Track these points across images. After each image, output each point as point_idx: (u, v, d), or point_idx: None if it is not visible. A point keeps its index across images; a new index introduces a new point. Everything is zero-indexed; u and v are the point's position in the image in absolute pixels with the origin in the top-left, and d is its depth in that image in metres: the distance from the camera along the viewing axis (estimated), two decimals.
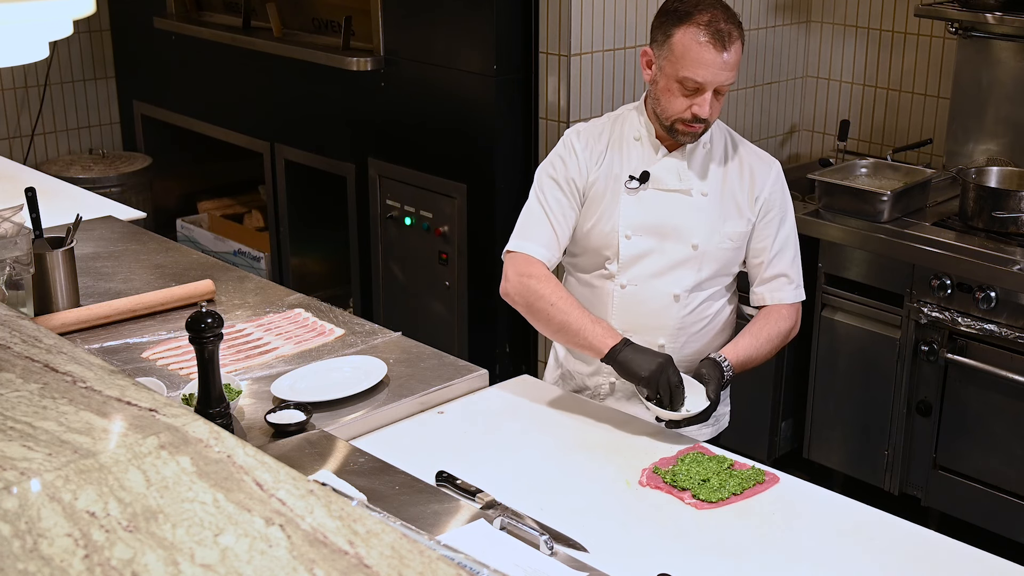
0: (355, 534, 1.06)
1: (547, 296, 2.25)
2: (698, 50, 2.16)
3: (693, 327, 2.36)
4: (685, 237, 2.31)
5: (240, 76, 4.58)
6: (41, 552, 1.01)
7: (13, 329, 1.57)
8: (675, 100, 2.21)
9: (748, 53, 3.93)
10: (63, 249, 2.55)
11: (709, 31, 2.15)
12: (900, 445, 3.32)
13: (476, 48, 3.57)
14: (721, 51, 2.16)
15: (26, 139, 5.13)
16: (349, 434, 2.13)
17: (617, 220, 2.31)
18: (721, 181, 2.33)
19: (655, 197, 2.31)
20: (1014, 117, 3.56)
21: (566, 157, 2.34)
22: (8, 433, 1.23)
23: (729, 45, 2.16)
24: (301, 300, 2.72)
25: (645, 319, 2.33)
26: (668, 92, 2.22)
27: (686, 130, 2.24)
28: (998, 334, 3.01)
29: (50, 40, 1.49)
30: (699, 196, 2.31)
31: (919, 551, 1.82)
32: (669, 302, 2.33)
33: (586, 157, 2.33)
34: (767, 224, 2.36)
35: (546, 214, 2.32)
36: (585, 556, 1.74)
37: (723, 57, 2.16)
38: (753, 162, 2.36)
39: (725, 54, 2.16)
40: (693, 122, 2.22)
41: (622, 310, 2.34)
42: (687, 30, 2.16)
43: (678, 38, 2.17)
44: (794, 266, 2.41)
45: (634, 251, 2.31)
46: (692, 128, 2.24)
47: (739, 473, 2.01)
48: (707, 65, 2.16)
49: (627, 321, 2.33)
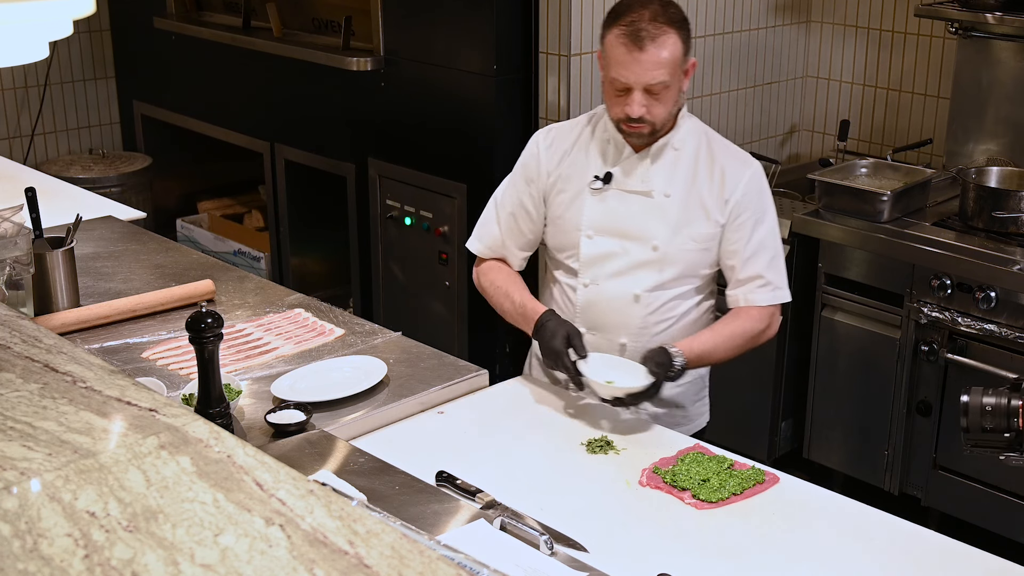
0: (355, 534, 1.06)
1: (487, 289, 2.46)
2: (618, 51, 2.19)
3: (657, 327, 2.37)
4: (646, 238, 2.32)
5: (240, 76, 4.58)
6: (41, 552, 1.01)
7: (13, 329, 1.58)
8: (612, 101, 2.25)
9: (748, 53, 3.94)
10: (63, 249, 2.55)
11: (628, 31, 2.17)
12: (900, 445, 3.32)
13: (476, 48, 3.57)
14: (637, 51, 2.16)
15: (26, 139, 5.13)
16: (349, 434, 2.13)
17: (580, 219, 2.35)
18: (688, 183, 2.31)
19: (617, 198, 2.33)
20: (1014, 117, 3.56)
21: (528, 159, 2.42)
22: (8, 433, 1.23)
23: (648, 44, 2.16)
24: (301, 300, 2.72)
25: (607, 317, 2.37)
26: (607, 94, 2.27)
27: (629, 130, 2.26)
28: (998, 334, 3.01)
29: (50, 40, 1.49)
30: (661, 197, 2.31)
31: (919, 551, 1.82)
32: (629, 302, 2.35)
33: (547, 156, 2.38)
34: (739, 227, 2.32)
35: (496, 216, 2.47)
36: (585, 556, 1.74)
37: (640, 57, 2.16)
38: (727, 163, 2.34)
39: (642, 54, 2.16)
40: (631, 122, 2.23)
41: (585, 308, 2.39)
42: (612, 31, 2.21)
43: (607, 40, 2.22)
44: (772, 268, 2.34)
45: (595, 251, 2.35)
46: (635, 128, 2.24)
47: (739, 473, 2.01)
48: (626, 65, 2.18)
49: (590, 319, 2.39)
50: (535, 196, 2.40)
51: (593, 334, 2.37)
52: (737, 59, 3.91)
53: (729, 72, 3.90)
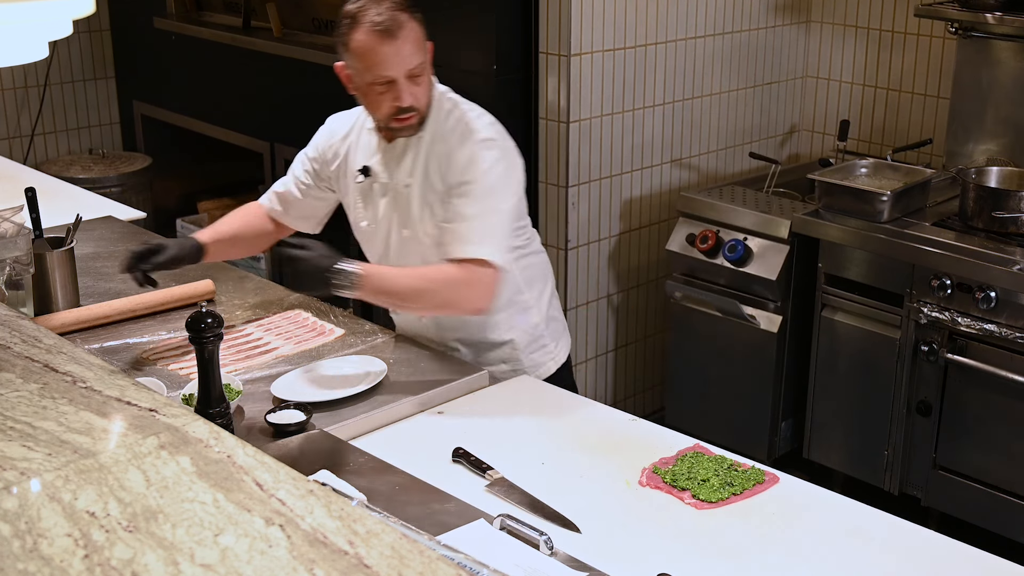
0: (355, 534, 1.06)
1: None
2: (371, 48, 2.21)
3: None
4: (398, 225, 2.42)
5: (240, 76, 4.58)
6: (41, 552, 1.01)
7: (13, 329, 1.58)
8: (378, 101, 2.27)
9: (748, 53, 3.94)
10: (63, 249, 2.55)
11: (374, 27, 2.20)
12: (900, 445, 3.32)
13: (476, 48, 3.57)
14: (391, 41, 2.20)
15: (26, 139, 5.13)
16: (349, 434, 2.13)
17: (355, 212, 2.49)
18: (424, 171, 2.35)
19: (374, 189, 2.43)
20: (1014, 117, 3.56)
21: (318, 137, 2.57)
22: (8, 433, 1.23)
23: (398, 32, 2.20)
24: (301, 300, 2.72)
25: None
26: (368, 97, 2.28)
27: (401, 125, 2.30)
28: (998, 334, 3.01)
29: (50, 40, 1.49)
30: (403, 188, 2.38)
31: (919, 551, 1.82)
32: None
33: (324, 143, 2.53)
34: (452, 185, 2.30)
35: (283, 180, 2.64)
36: (585, 556, 1.74)
37: (397, 46, 2.20)
38: (453, 131, 2.32)
39: (396, 42, 2.20)
40: (402, 114, 2.27)
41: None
42: (356, 34, 2.22)
43: (354, 44, 2.24)
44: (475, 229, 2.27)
45: (372, 242, 2.49)
46: (405, 120, 2.29)
47: (739, 473, 2.01)
48: (385, 58, 2.21)
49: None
50: (311, 170, 2.54)
51: (395, 313, 2.57)
52: (737, 59, 3.91)
53: (729, 72, 3.90)
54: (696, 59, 3.77)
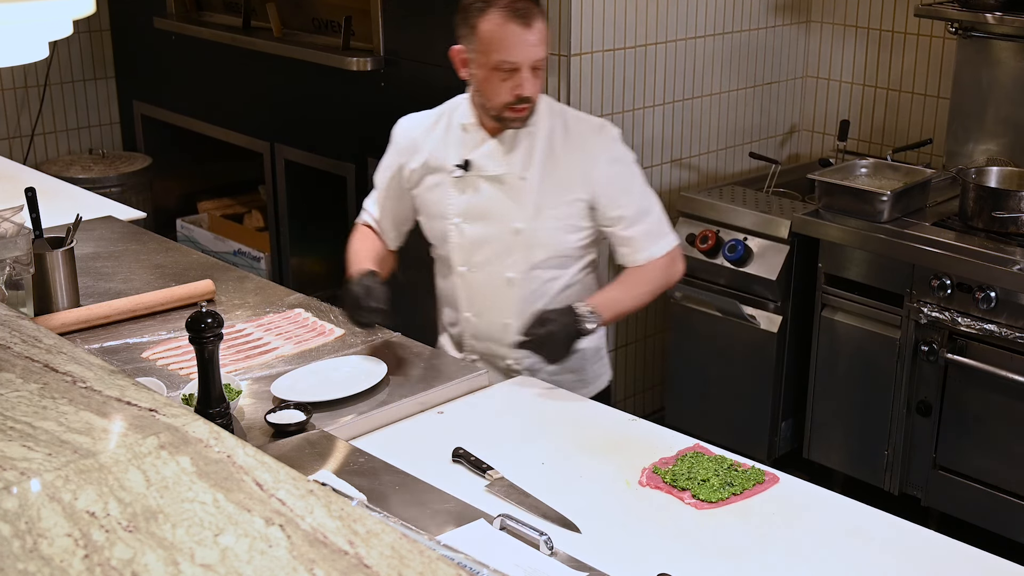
0: (355, 534, 1.06)
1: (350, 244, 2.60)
2: (504, 32, 2.23)
3: (537, 304, 2.42)
4: (508, 222, 2.39)
5: (240, 76, 4.58)
6: (41, 552, 1.01)
7: (13, 329, 1.58)
8: (497, 88, 2.28)
9: (748, 53, 3.94)
10: (63, 249, 2.55)
11: (510, 11, 2.23)
12: (900, 445, 3.32)
13: None
14: (525, 27, 2.23)
15: (26, 139, 5.13)
16: (349, 434, 2.13)
17: (446, 209, 2.44)
18: (544, 162, 2.37)
19: (478, 184, 2.40)
20: (1014, 117, 3.56)
21: (392, 146, 2.53)
22: (8, 433, 1.23)
23: (532, 21, 2.24)
24: (301, 300, 2.72)
25: (487, 301, 2.47)
26: (488, 82, 2.29)
27: (514, 115, 2.31)
28: (998, 334, 3.01)
29: (50, 40, 1.49)
30: (519, 180, 2.37)
31: (919, 551, 1.82)
32: (503, 285, 2.43)
33: (406, 149, 2.48)
34: (612, 197, 2.39)
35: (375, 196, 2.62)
36: (585, 556, 1.74)
37: (529, 33, 2.24)
38: (584, 138, 2.40)
39: (530, 30, 2.24)
40: (518, 104, 2.28)
41: (465, 295, 2.48)
42: (489, 16, 2.25)
43: (483, 27, 2.26)
44: (657, 221, 2.44)
45: (465, 239, 2.44)
46: (519, 111, 2.30)
47: (739, 473, 2.01)
48: (516, 44, 2.24)
49: (472, 304, 2.49)
50: (396, 183, 2.52)
51: (479, 317, 2.48)
52: (737, 59, 3.91)
53: (729, 72, 3.90)
54: (696, 59, 3.77)
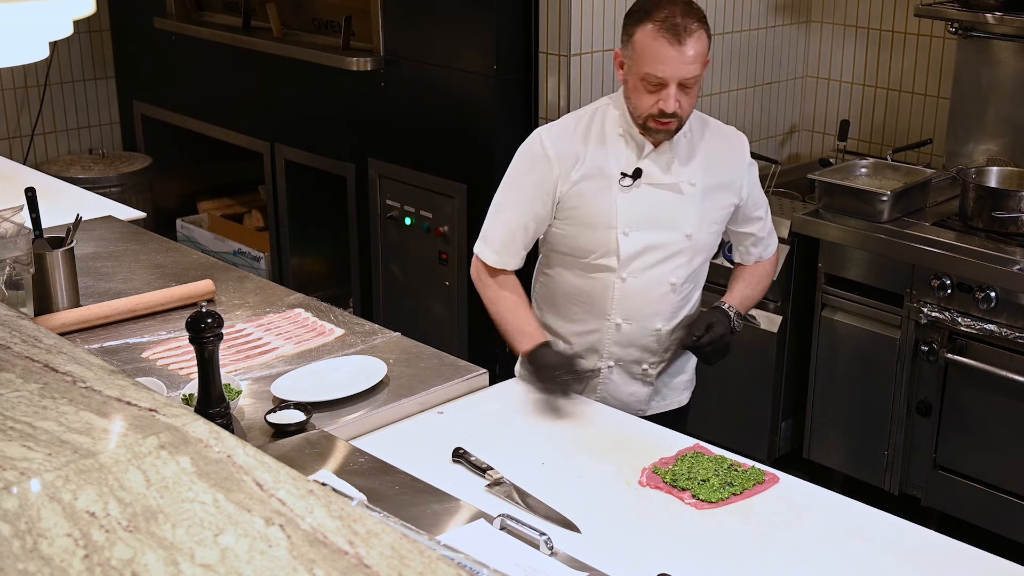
0: (355, 534, 1.06)
1: (490, 294, 2.44)
2: (655, 46, 2.21)
3: (683, 310, 2.49)
4: (679, 228, 2.39)
5: (240, 76, 4.58)
6: (41, 552, 1.01)
7: (13, 329, 1.57)
8: (642, 97, 2.26)
9: (748, 53, 3.94)
10: (63, 249, 2.55)
11: (665, 26, 2.20)
12: (900, 445, 3.32)
13: (476, 48, 3.57)
14: (678, 45, 2.20)
15: (26, 139, 5.13)
16: (349, 434, 2.13)
17: (613, 218, 2.35)
18: (704, 168, 2.40)
19: (648, 192, 2.36)
20: (1014, 117, 3.56)
21: (536, 161, 2.37)
22: (8, 433, 1.23)
23: (686, 38, 2.20)
24: (301, 300, 2.72)
25: (644, 307, 2.43)
26: (635, 90, 2.27)
27: (658, 127, 2.28)
28: (998, 334, 3.01)
29: (50, 40, 1.49)
30: (688, 187, 2.38)
31: (919, 551, 1.82)
32: (667, 291, 2.43)
33: (559, 157, 2.34)
34: (751, 196, 2.50)
35: (506, 219, 2.41)
36: (585, 556, 1.74)
37: (680, 51, 2.20)
38: (726, 143, 2.47)
39: (682, 48, 2.20)
40: (662, 118, 2.26)
41: (622, 300, 2.42)
42: (645, 28, 2.23)
43: (638, 37, 2.24)
44: (771, 223, 2.61)
45: (633, 247, 2.37)
46: (663, 124, 2.28)
47: (739, 473, 2.01)
48: (665, 60, 2.21)
49: (627, 310, 2.43)
50: (546, 200, 2.37)
51: (629, 323, 2.43)
52: (737, 59, 3.91)
53: (729, 72, 3.90)
54: None
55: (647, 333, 2.45)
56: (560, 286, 2.49)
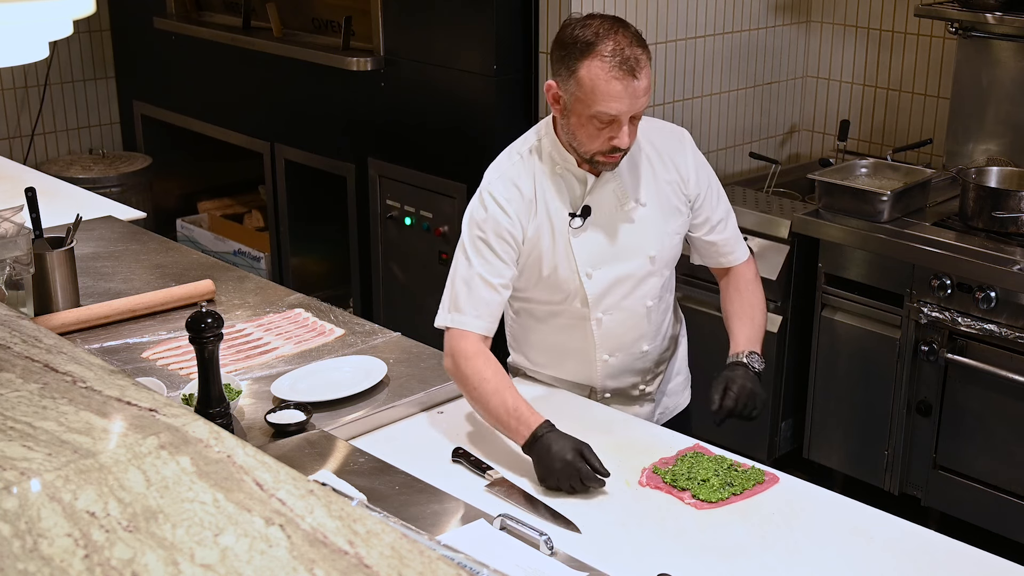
0: (355, 534, 1.06)
1: (471, 378, 2.11)
2: (607, 85, 2.03)
3: (664, 323, 2.40)
4: (642, 252, 2.26)
5: (240, 76, 4.58)
6: (41, 552, 1.01)
7: (13, 329, 1.57)
8: (592, 135, 2.09)
9: (748, 53, 3.94)
10: (63, 249, 2.55)
11: (616, 61, 2.02)
12: (900, 445, 3.32)
13: (476, 48, 3.57)
14: (631, 80, 2.03)
15: (26, 139, 5.13)
16: (349, 434, 2.13)
17: (572, 263, 2.22)
18: (652, 183, 2.25)
19: (602, 226, 2.22)
20: (1014, 117, 3.56)
21: (495, 214, 2.17)
22: (8, 433, 1.23)
23: (639, 72, 2.03)
24: (301, 300, 2.72)
25: (626, 337, 2.32)
26: (582, 128, 2.10)
27: (607, 161, 2.14)
28: (998, 334, 3.01)
29: (50, 40, 1.49)
30: (640, 209, 2.24)
31: (919, 551, 1.82)
32: (644, 315, 2.32)
33: (516, 211, 2.18)
34: (704, 200, 2.32)
35: (480, 280, 2.17)
36: (585, 556, 1.74)
37: (634, 85, 2.03)
38: (670, 148, 2.29)
39: (636, 82, 2.03)
40: (613, 153, 2.12)
41: (603, 338, 2.31)
42: (591, 64, 2.04)
43: (584, 73, 2.04)
44: (735, 224, 2.41)
45: (599, 286, 2.25)
46: (613, 158, 2.14)
47: (739, 473, 2.01)
48: (619, 98, 2.03)
49: (611, 344, 2.32)
50: (513, 256, 2.19)
51: (616, 356, 2.32)
52: (737, 59, 3.91)
53: (729, 72, 3.90)
54: (696, 59, 3.77)
55: (635, 358, 2.35)
56: (535, 333, 2.37)
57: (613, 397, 2.38)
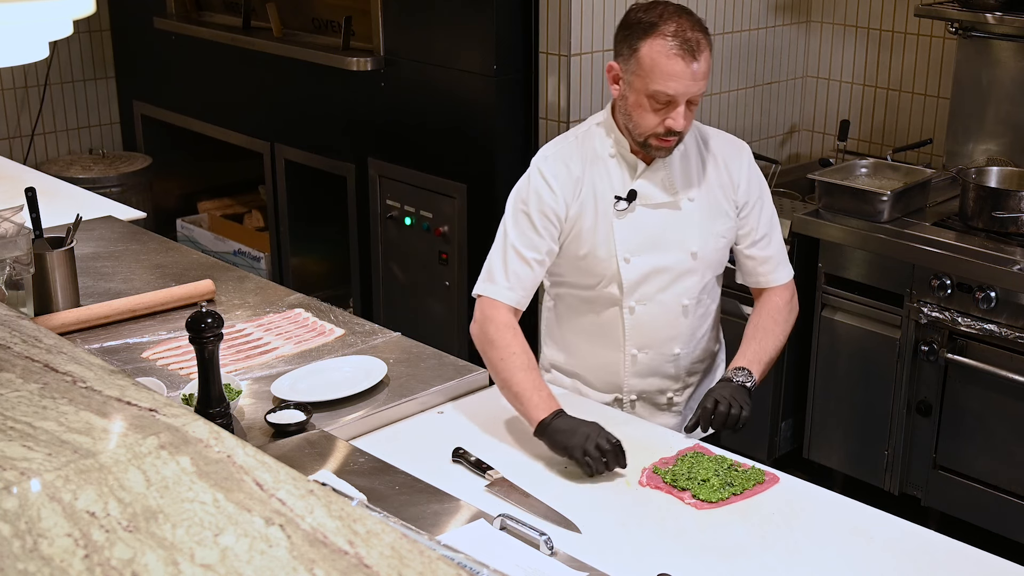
0: (355, 534, 1.06)
1: (501, 348, 2.16)
2: (667, 63, 2.07)
3: (700, 329, 2.36)
4: (684, 247, 2.26)
5: (240, 76, 4.58)
6: (41, 552, 1.01)
7: (13, 329, 1.57)
8: (647, 115, 2.13)
9: (748, 53, 3.94)
10: (63, 249, 2.55)
11: (677, 41, 2.07)
12: (900, 445, 3.32)
13: (476, 48, 3.57)
14: (691, 62, 2.07)
15: (26, 139, 5.13)
16: (349, 434, 2.13)
17: (613, 245, 2.23)
18: (702, 181, 2.27)
19: (646, 214, 2.24)
20: (1014, 117, 3.56)
21: (540, 189, 2.22)
22: (8, 433, 1.23)
23: (699, 54, 2.08)
24: (301, 300, 2.72)
25: (658, 333, 2.31)
26: (639, 107, 2.13)
27: (660, 145, 2.16)
28: (998, 334, 3.01)
29: (50, 40, 1.49)
30: (687, 203, 2.25)
31: (919, 551, 1.82)
32: (679, 313, 2.30)
33: (561, 188, 2.22)
34: (750, 212, 2.32)
35: (516, 254, 2.22)
36: (585, 556, 1.74)
37: (693, 67, 2.08)
38: (726, 153, 2.31)
39: (695, 64, 2.08)
40: (667, 136, 2.14)
41: (634, 331, 2.30)
42: (654, 42, 2.08)
43: (645, 51, 2.09)
44: (781, 245, 2.39)
45: (636, 273, 2.25)
46: (666, 142, 2.16)
47: (739, 473, 2.01)
48: (678, 77, 2.07)
49: (641, 339, 2.31)
50: (554, 233, 2.23)
51: (645, 352, 2.31)
52: (737, 59, 3.91)
53: (729, 72, 3.90)
54: None
55: (665, 360, 2.33)
56: (568, 321, 2.38)
57: (639, 402, 2.36)
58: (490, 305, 2.22)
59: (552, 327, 2.44)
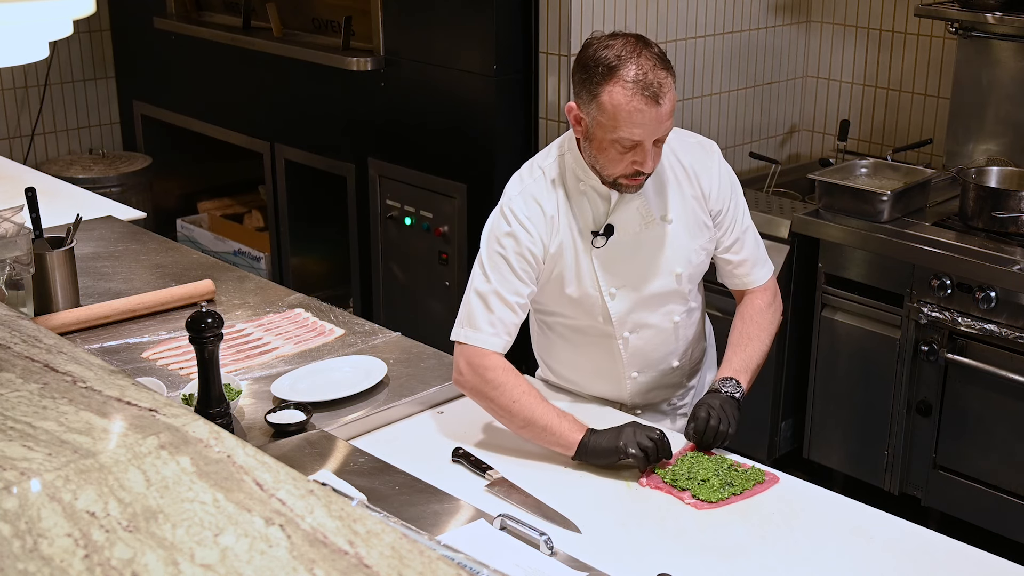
0: (355, 534, 1.06)
1: (509, 390, 2.08)
2: (630, 111, 1.97)
3: (693, 336, 2.35)
4: (668, 269, 2.21)
5: (240, 76, 4.58)
6: (41, 552, 1.01)
7: (13, 329, 1.57)
8: (613, 159, 2.04)
9: (748, 53, 3.94)
10: (63, 249, 2.55)
11: (639, 87, 1.96)
12: (900, 445, 3.32)
13: (476, 48, 3.57)
14: (655, 106, 1.97)
15: (26, 139, 5.13)
16: (349, 434, 2.13)
17: (596, 282, 2.18)
18: (678, 198, 2.19)
19: (626, 244, 2.18)
20: (1014, 117, 3.56)
21: (516, 232, 2.12)
22: (8, 433, 1.23)
23: (662, 97, 1.97)
24: (301, 300, 2.72)
25: (654, 354, 2.29)
26: (604, 152, 2.05)
27: (630, 184, 2.09)
28: (998, 334, 3.01)
29: (50, 40, 1.49)
30: (666, 224, 2.19)
31: (919, 551, 1.82)
32: (671, 331, 2.28)
33: (537, 229, 2.13)
34: (724, 215, 2.24)
35: (498, 298, 2.13)
36: (585, 556, 1.74)
37: (657, 111, 1.97)
38: (695, 161, 2.22)
39: (659, 108, 1.97)
40: (636, 176, 2.07)
41: (631, 357, 2.28)
42: (613, 89, 1.97)
43: (606, 99, 1.98)
44: (758, 244, 2.31)
45: (623, 306, 2.21)
46: (636, 181, 2.08)
47: (739, 473, 2.01)
48: (642, 124, 1.98)
49: (640, 362, 2.29)
50: (532, 275, 2.15)
51: (644, 373, 2.30)
52: (737, 59, 3.91)
53: (729, 72, 3.90)
54: (696, 59, 3.77)
55: (665, 374, 2.33)
56: (563, 349, 2.34)
57: (644, 414, 2.35)
58: (478, 354, 2.12)
59: (544, 352, 2.40)
